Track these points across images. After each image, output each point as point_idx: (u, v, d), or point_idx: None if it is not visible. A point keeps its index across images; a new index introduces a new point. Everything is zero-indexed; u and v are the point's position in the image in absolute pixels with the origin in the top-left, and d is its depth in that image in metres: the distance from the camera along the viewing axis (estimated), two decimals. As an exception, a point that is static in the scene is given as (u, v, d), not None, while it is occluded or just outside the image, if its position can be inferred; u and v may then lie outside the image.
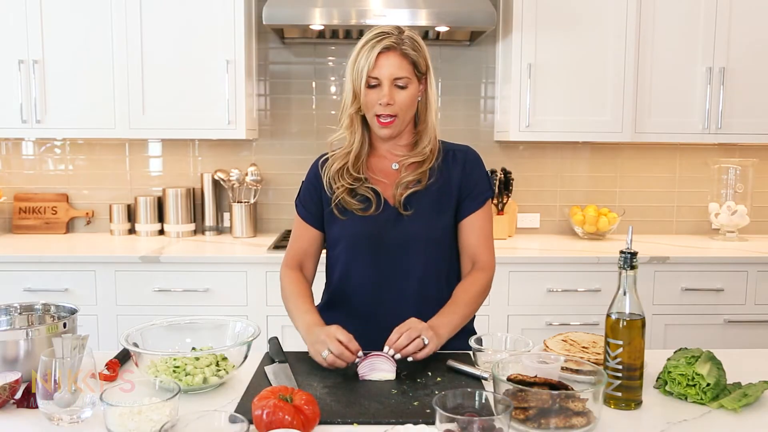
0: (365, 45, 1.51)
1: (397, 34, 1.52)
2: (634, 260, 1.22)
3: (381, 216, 1.57)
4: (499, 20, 3.12)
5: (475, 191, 1.62)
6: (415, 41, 1.53)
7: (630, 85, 2.95)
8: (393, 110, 1.52)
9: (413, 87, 1.54)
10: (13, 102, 2.93)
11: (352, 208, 1.58)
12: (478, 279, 1.60)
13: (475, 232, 1.62)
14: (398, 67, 1.50)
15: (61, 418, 1.14)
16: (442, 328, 1.46)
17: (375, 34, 1.52)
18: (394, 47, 1.50)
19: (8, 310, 1.48)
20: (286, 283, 1.65)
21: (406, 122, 1.58)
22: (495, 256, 1.66)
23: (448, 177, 1.61)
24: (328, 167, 1.62)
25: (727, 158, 3.30)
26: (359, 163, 1.60)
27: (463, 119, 3.33)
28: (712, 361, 1.29)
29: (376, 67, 1.50)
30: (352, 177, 1.58)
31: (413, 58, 1.52)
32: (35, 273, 2.74)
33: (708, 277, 2.82)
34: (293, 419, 1.07)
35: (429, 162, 1.59)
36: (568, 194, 3.37)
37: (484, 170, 1.66)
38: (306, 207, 1.67)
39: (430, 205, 1.59)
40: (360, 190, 1.59)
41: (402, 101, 1.52)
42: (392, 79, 1.51)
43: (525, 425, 1.11)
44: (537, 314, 2.79)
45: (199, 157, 3.35)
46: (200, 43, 2.92)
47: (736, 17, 2.94)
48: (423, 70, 1.55)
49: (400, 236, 1.57)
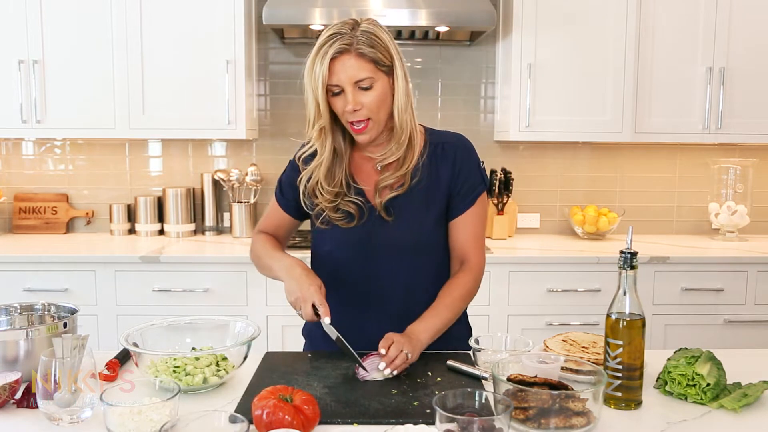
0: (318, 51, 1.40)
1: (349, 32, 1.39)
2: (634, 260, 1.22)
3: (367, 222, 1.52)
4: (499, 20, 3.12)
5: (465, 187, 1.53)
6: (371, 35, 1.40)
7: (630, 85, 2.95)
8: (363, 114, 1.42)
9: (380, 84, 1.42)
10: (13, 102, 2.93)
11: (334, 221, 1.53)
12: (463, 281, 1.54)
13: (465, 231, 1.55)
14: (356, 69, 1.39)
15: (61, 418, 1.14)
16: (423, 334, 1.44)
17: (327, 37, 1.40)
18: (347, 49, 1.38)
19: (8, 310, 1.48)
20: (261, 240, 1.62)
21: (382, 122, 1.46)
22: (485, 256, 1.60)
23: (436, 175, 1.52)
24: (303, 180, 1.54)
25: (727, 158, 3.30)
26: (337, 175, 1.51)
27: (463, 119, 3.33)
28: (712, 361, 1.29)
29: (332, 74, 1.39)
30: (331, 193, 1.50)
31: (371, 56, 1.39)
32: (35, 273, 2.74)
33: (708, 277, 2.82)
34: (293, 419, 1.07)
35: (410, 160, 1.49)
36: (568, 194, 3.37)
37: (476, 162, 1.56)
38: (284, 193, 1.63)
39: (415, 207, 1.52)
40: (341, 205, 1.51)
41: (370, 103, 1.41)
42: (353, 83, 1.40)
43: (525, 425, 1.11)
44: (537, 314, 2.79)
45: (199, 157, 3.35)
46: (200, 43, 2.92)
47: (736, 17, 2.94)
48: (386, 63, 1.42)
49: (385, 242, 1.52)
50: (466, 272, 1.56)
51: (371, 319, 1.54)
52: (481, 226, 1.58)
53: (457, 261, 1.58)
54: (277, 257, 1.53)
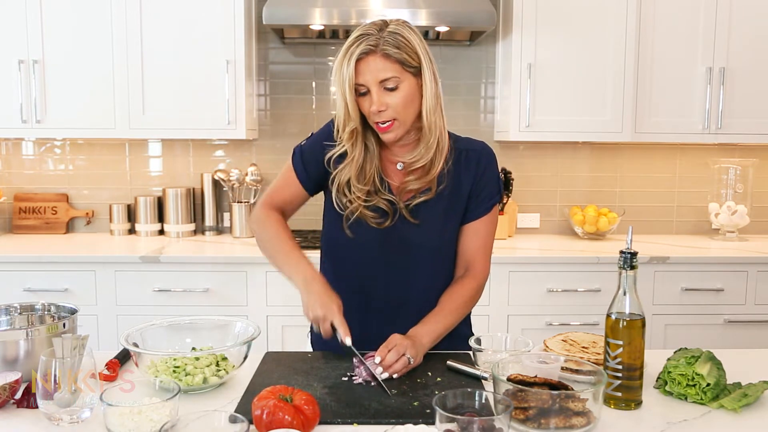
0: (346, 53, 1.41)
1: (376, 33, 1.40)
2: (634, 260, 1.22)
3: (394, 222, 1.53)
4: (499, 20, 3.12)
5: (482, 195, 1.55)
6: (398, 36, 1.40)
7: (630, 85, 2.95)
8: (388, 115, 1.43)
9: (406, 85, 1.42)
10: (13, 102, 2.93)
11: (367, 220, 1.51)
12: (467, 287, 1.55)
13: (476, 238, 1.57)
14: (381, 69, 1.40)
15: (61, 418, 1.14)
16: (425, 338, 1.44)
17: (354, 38, 1.41)
18: (372, 50, 1.39)
19: (8, 310, 1.48)
20: (272, 222, 1.55)
21: (409, 122, 1.46)
22: (490, 264, 1.61)
23: (458, 181, 1.53)
24: (338, 178, 1.53)
25: (727, 158, 3.30)
26: (368, 175, 1.51)
27: (463, 119, 3.33)
28: (712, 361, 1.29)
29: (358, 75, 1.40)
30: (363, 191, 1.50)
31: (397, 57, 1.40)
32: (35, 273, 2.74)
33: (708, 277, 2.82)
34: (293, 419, 1.07)
35: (437, 166, 1.49)
36: (568, 194, 3.37)
37: (497, 172, 1.57)
38: (306, 164, 1.57)
39: (440, 213, 1.53)
40: (377, 203, 1.51)
41: (395, 103, 1.42)
42: (378, 83, 1.40)
43: (525, 425, 1.11)
44: (537, 314, 2.79)
45: (199, 157, 3.35)
46: (200, 43, 2.92)
47: (736, 17, 2.94)
48: (414, 64, 1.42)
49: (408, 244, 1.53)
50: (470, 278, 1.57)
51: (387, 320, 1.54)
52: (491, 235, 1.59)
53: (462, 266, 1.59)
54: (293, 261, 1.49)
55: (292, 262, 1.49)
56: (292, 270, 1.48)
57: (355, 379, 1.34)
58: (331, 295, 1.42)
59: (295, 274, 1.46)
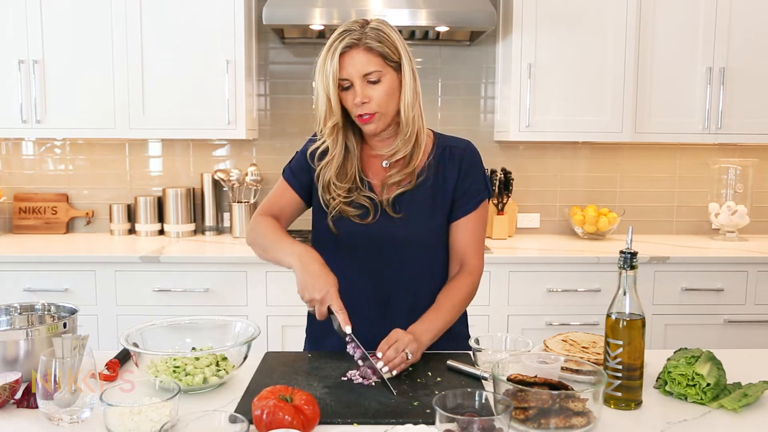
0: (329, 48, 1.44)
1: (359, 29, 1.44)
2: (634, 260, 1.22)
3: (375, 218, 1.54)
4: (499, 20, 3.12)
5: (470, 192, 1.56)
6: (380, 32, 1.45)
7: (630, 85, 2.95)
8: (370, 108, 1.46)
9: (388, 79, 1.46)
10: (13, 102, 2.93)
11: (349, 216, 1.54)
12: (463, 284, 1.56)
13: (466, 234, 1.58)
14: (364, 62, 1.43)
15: (61, 418, 1.14)
16: (425, 335, 1.45)
17: (337, 34, 1.45)
18: (356, 44, 1.43)
19: (8, 310, 1.48)
20: (266, 223, 1.55)
21: (389, 115, 1.49)
22: (484, 259, 1.61)
23: (443, 176, 1.55)
24: (317, 176, 1.56)
25: (727, 158, 3.30)
26: (349, 171, 1.54)
27: (463, 119, 3.33)
28: (712, 361, 1.29)
29: (342, 69, 1.43)
30: (343, 189, 1.53)
31: (379, 50, 1.44)
32: (35, 273, 2.74)
33: (708, 277, 2.82)
34: (293, 419, 1.07)
35: (416, 159, 1.52)
36: (568, 194, 3.37)
37: (482, 169, 1.60)
38: (295, 175, 1.61)
39: (422, 205, 1.54)
40: (357, 199, 1.54)
41: (378, 96, 1.45)
42: (361, 77, 1.44)
43: (525, 425, 1.11)
44: (537, 314, 2.79)
45: (199, 157, 3.35)
46: (200, 43, 2.92)
47: (736, 17, 2.94)
48: (395, 59, 1.46)
49: (391, 239, 1.54)
50: (466, 275, 1.57)
51: (376, 316, 1.54)
52: (482, 230, 1.61)
53: (456, 263, 1.60)
54: (287, 244, 1.47)
55: (285, 245, 1.47)
56: (286, 250, 1.45)
57: (355, 379, 1.34)
58: (328, 274, 1.39)
59: (289, 254, 1.43)
